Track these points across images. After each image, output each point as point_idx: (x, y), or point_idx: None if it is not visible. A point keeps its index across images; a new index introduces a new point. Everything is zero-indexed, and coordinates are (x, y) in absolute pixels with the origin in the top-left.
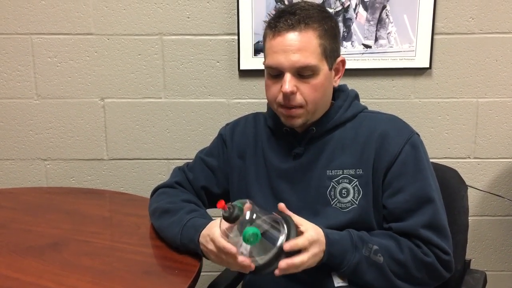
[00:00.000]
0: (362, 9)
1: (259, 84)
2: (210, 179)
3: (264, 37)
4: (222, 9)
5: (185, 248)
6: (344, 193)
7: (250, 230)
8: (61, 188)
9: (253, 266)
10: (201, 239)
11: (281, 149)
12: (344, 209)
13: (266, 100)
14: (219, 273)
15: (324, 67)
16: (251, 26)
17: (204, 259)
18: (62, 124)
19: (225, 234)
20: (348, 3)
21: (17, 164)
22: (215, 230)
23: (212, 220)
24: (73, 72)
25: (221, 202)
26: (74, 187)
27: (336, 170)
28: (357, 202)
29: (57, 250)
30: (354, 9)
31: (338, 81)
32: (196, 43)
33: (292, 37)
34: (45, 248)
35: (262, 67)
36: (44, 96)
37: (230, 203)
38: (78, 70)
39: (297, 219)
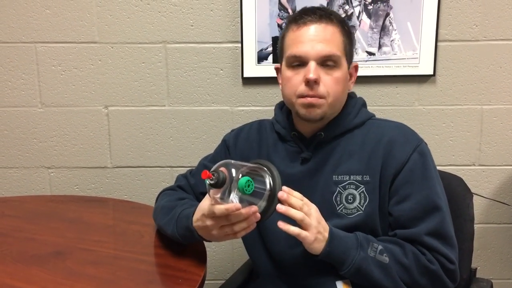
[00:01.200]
0: (366, 17)
1: (263, 91)
2: None
3: (285, 31)
4: (226, 17)
5: (186, 240)
6: (350, 199)
7: (243, 179)
8: (65, 196)
9: (258, 214)
10: (196, 223)
11: (288, 154)
12: (350, 215)
13: (269, 108)
14: (223, 281)
15: (344, 64)
16: (254, 34)
17: (207, 267)
18: (66, 132)
19: (217, 203)
20: (352, 10)
21: (21, 172)
22: (207, 206)
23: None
24: (77, 80)
25: (205, 172)
26: (78, 195)
27: (342, 176)
28: (363, 209)
29: (60, 259)
30: (358, 17)
31: (352, 86)
32: (200, 51)
33: (318, 28)
34: (49, 257)
35: (265, 74)
36: (48, 104)
37: (211, 171)
38: (82, 78)
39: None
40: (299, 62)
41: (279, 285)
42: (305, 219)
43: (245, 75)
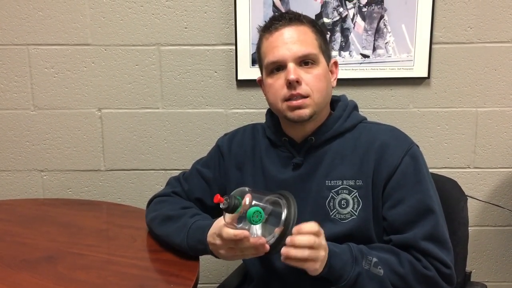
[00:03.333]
0: (360, 19)
1: (257, 94)
2: (204, 191)
3: (259, 42)
4: (220, 19)
5: (193, 251)
6: (343, 204)
7: (252, 210)
8: (57, 199)
9: (267, 245)
10: (209, 239)
11: (280, 160)
12: (343, 220)
13: (264, 110)
14: (216, 285)
15: (323, 60)
16: (248, 36)
17: (201, 270)
18: (59, 135)
19: (231, 226)
20: (346, 13)
21: (13, 175)
22: (220, 226)
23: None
24: (70, 83)
25: (217, 196)
26: (71, 198)
27: (335, 181)
28: (356, 214)
29: (52, 264)
30: (352, 19)
31: (335, 82)
32: (194, 53)
33: (290, 31)
34: (40, 262)
35: (258, 76)
36: (41, 107)
37: (226, 195)
38: (75, 80)
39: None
40: (278, 67)
41: None
42: (311, 255)
43: (239, 78)
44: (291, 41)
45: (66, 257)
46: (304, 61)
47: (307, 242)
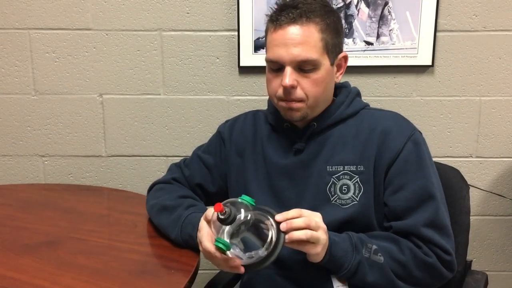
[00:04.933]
0: (364, 6)
1: (259, 81)
2: (205, 177)
3: (266, 31)
4: (222, 4)
5: (188, 246)
6: (344, 190)
7: (219, 241)
8: (58, 185)
9: (242, 268)
10: (197, 238)
11: (282, 145)
12: (344, 206)
13: (266, 97)
14: (217, 271)
15: (325, 62)
16: (251, 22)
17: (201, 256)
18: (60, 120)
19: (218, 231)
20: None
21: (14, 160)
22: (203, 232)
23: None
24: (71, 68)
25: (219, 205)
26: (72, 184)
27: (336, 166)
28: (357, 199)
29: (52, 248)
30: (356, 6)
31: (340, 77)
32: (196, 39)
33: (293, 31)
34: (41, 246)
35: (262, 63)
36: (42, 92)
37: (227, 205)
38: (76, 65)
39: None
40: (277, 66)
41: (273, 278)
42: (313, 235)
43: (241, 64)
44: (293, 43)
45: (67, 242)
46: (303, 66)
47: (303, 223)
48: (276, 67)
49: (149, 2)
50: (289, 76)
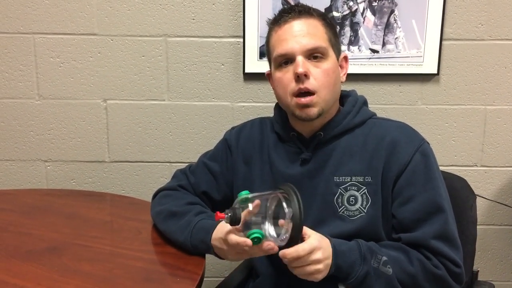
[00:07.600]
0: (370, 14)
1: (264, 87)
2: (211, 185)
3: (268, 35)
4: (228, 11)
5: (196, 250)
6: (352, 201)
7: (252, 233)
8: (61, 190)
9: (276, 247)
10: (215, 243)
11: (288, 155)
12: (352, 217)
13: (271, 104)
14: (222, 279)
15: (332, 54)
16: (256, 29)
17: (206, 264)
18: (63, 125)
19: (239, 229)
20: (356, 7)
21: (17, 165)
22: (225, 231)
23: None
24: (75, 73)
25: (217, 215)
26: (75, 189)
27: (344, 177)
28: (365, 211)
29: (56, 255)
30: (362, 13)
31: (344, 78)
32: (201, 45)
33: (299, 23)
34: (44, 253)
35: (267, 70)
36: (46, 97)
37: (227, 210)
38: (80, 70)
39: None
40: (287, 60)
41: (278, 285)
42: (314, 273)
43: (246, 71)
44: (301, 34)
45: (71, 249)
46: (313, 55)
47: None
48: (285, 60)
49: (155, 7)
50: (302, 64)
